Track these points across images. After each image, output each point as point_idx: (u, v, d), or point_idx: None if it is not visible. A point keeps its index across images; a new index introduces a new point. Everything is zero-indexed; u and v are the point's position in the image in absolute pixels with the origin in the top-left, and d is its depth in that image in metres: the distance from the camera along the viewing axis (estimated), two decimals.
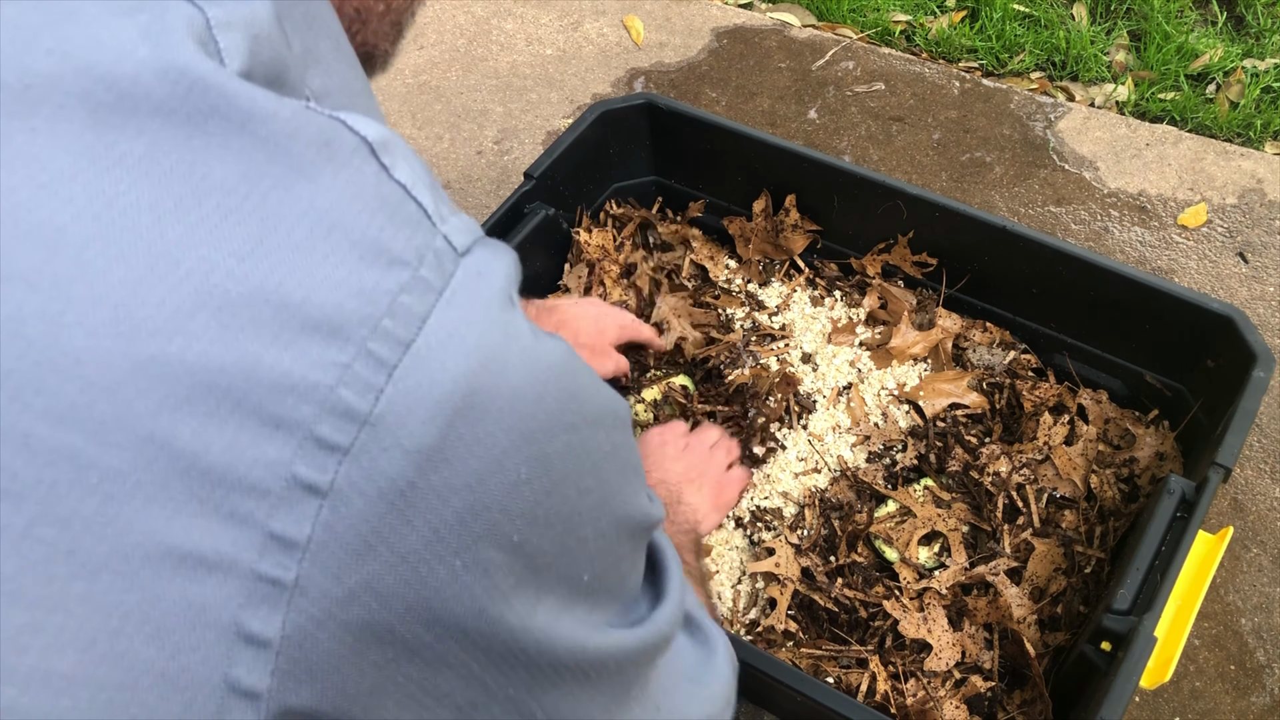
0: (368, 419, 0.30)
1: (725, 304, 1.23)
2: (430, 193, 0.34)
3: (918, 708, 0.92)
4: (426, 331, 0.31)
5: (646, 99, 1.23)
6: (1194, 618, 0.82)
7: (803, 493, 1.08)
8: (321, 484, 0.30)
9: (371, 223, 0.32)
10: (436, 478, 0.31)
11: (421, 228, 0.33)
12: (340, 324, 0.30)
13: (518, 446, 0.33)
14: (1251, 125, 1.60)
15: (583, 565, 0.38)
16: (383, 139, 0.33)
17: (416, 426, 0.31)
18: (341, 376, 0.30)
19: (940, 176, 1.54)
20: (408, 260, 0.32)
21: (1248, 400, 0.93)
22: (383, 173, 0.33)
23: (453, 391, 0.31)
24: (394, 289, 0.31)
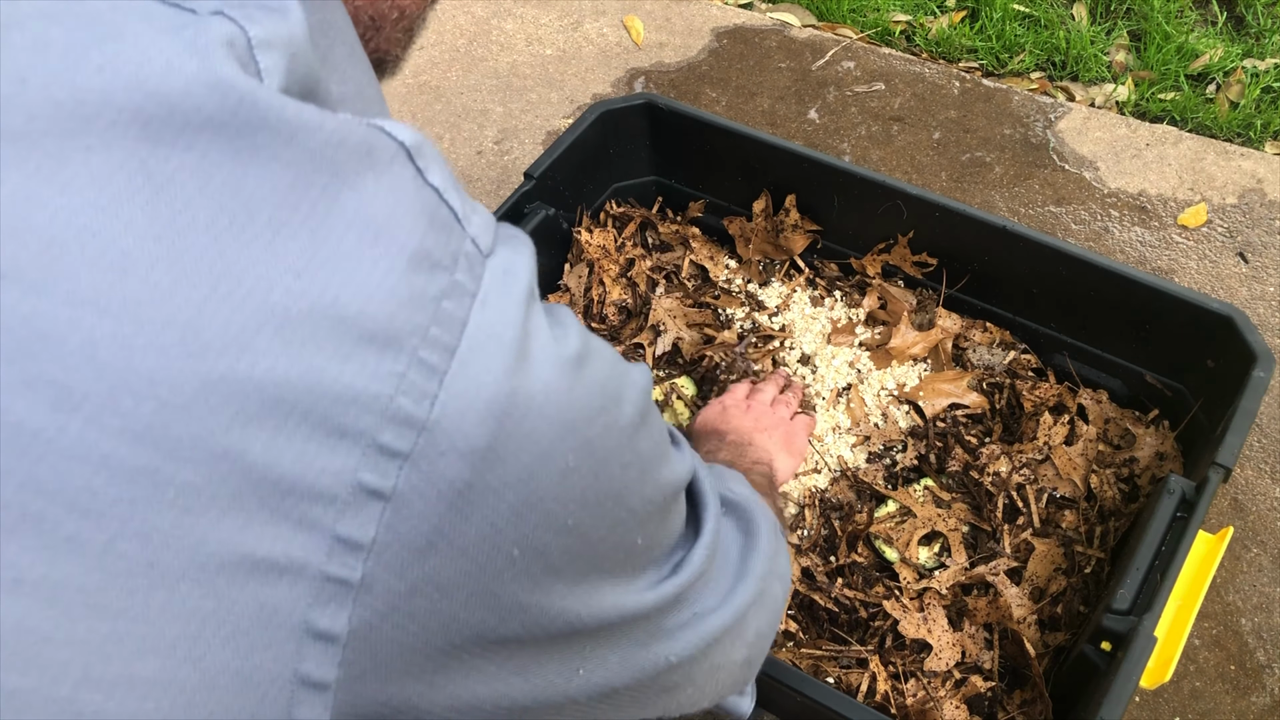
0: (425, 425, 0.32)
1: (725, 304, 1.23)
2: (457, 194, 0.35)
3: (918, 708, 0.92)
4: (467, 335, 0.33)
5: (646, 99, 1.23)
6: (1194, 618, 0.82)
7: (803, 493, 1.08)
8: (385, 488, 0.32)
9: (414, 228, 0.33)
10: (492, 476, 0.33)
11: (454, 231, 0.34)
12: (394, 334, 0.32)
13: (562, 437, 0.35)
14: (1251, 125, 1.60)
15: (635, 532, 0.40)
16: (417, 143, 0.34)
17: (470, 429, 0.32)
18: (399, 385, 0.31)
19: (940, 176, 1.54)
20: (446, 265, 0.33)
21: (1248, 400, 0.93)
22: (419, 177, 0.34)
23: (498, 392, 0.33)
24: (437, 294, 0.33)
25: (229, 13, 0.32)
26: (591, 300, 1.23)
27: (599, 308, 1.23)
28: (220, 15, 0.32)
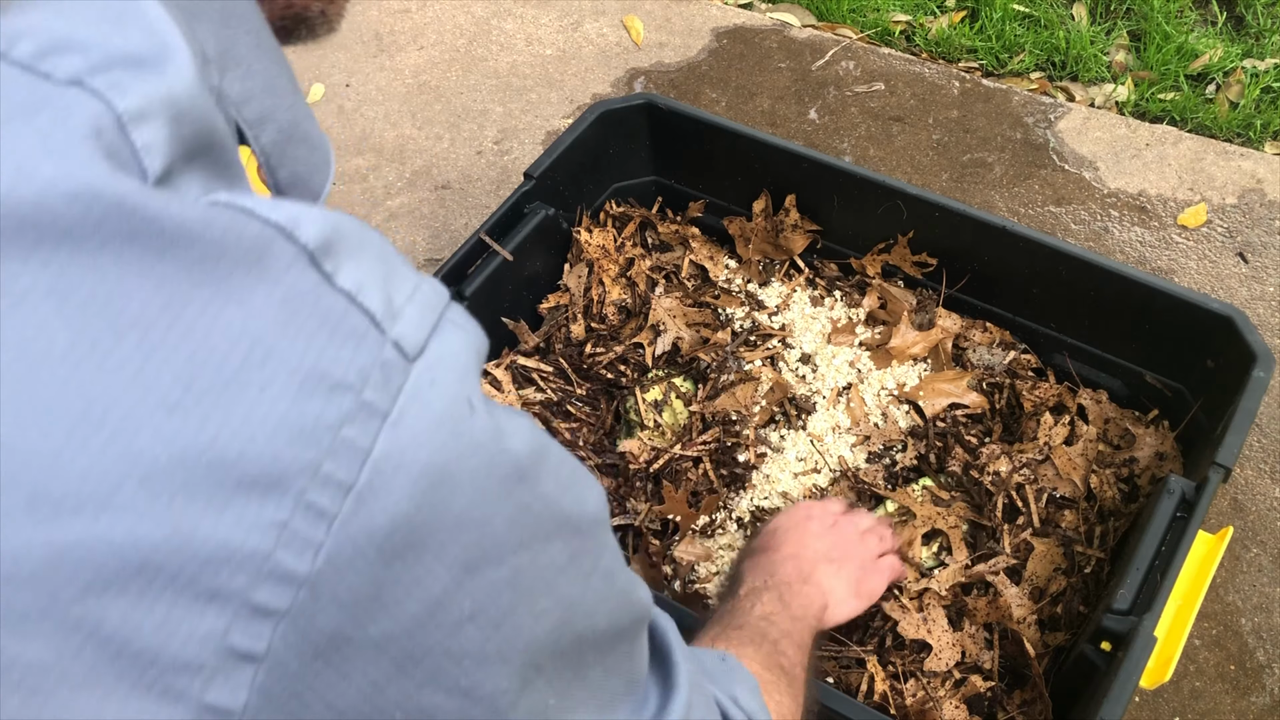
0: (306, 580, 0.28)
1: (725, 304, 1.23)
2: (381, 287, 0.31)
3: (917, 708, 0.92)
4: (370, 467, 0.29)
5: (646, 99, 1.23)
6: (1194, 618, 0.82)
7: (803, 493, 1.08)
8: (257, 650, 0.28)
9: (310, 345, 0.29)
10: (374, 628, 0.30)
11: (367, 340, 0.30)
12: (278, 476, 0.28)
13: (460, 581, 0.31)
14: (1251, 125, 1.60)
15: (548, 691, 0.35)
16: (325, 240, 0.30)
17: (353, 577, 0.29)
18: (279, 538, 0.28)
19: (940, 176, 1.54)
20: (350, 384, 0.29)
21: (1248, 400, 0.93)
22: (324, 283, 0.30)
23: (393, 532, 0.29)
24: (335, 422, 0.29)
25: (91, 83, 0.28)
26: (591, 300, 1.24)
27: (599, 308, 1.23)
28: (80, 88, 0.28)
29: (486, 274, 1.12)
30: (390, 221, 1.55)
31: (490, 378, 1.13)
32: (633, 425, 1.13)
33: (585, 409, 1.16)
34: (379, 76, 1.78)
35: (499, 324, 1.18)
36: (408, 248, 1.51)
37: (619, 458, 1.10)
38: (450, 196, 1.58)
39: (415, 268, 0.34)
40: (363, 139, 1.67)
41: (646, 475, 1.08)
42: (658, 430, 1.12)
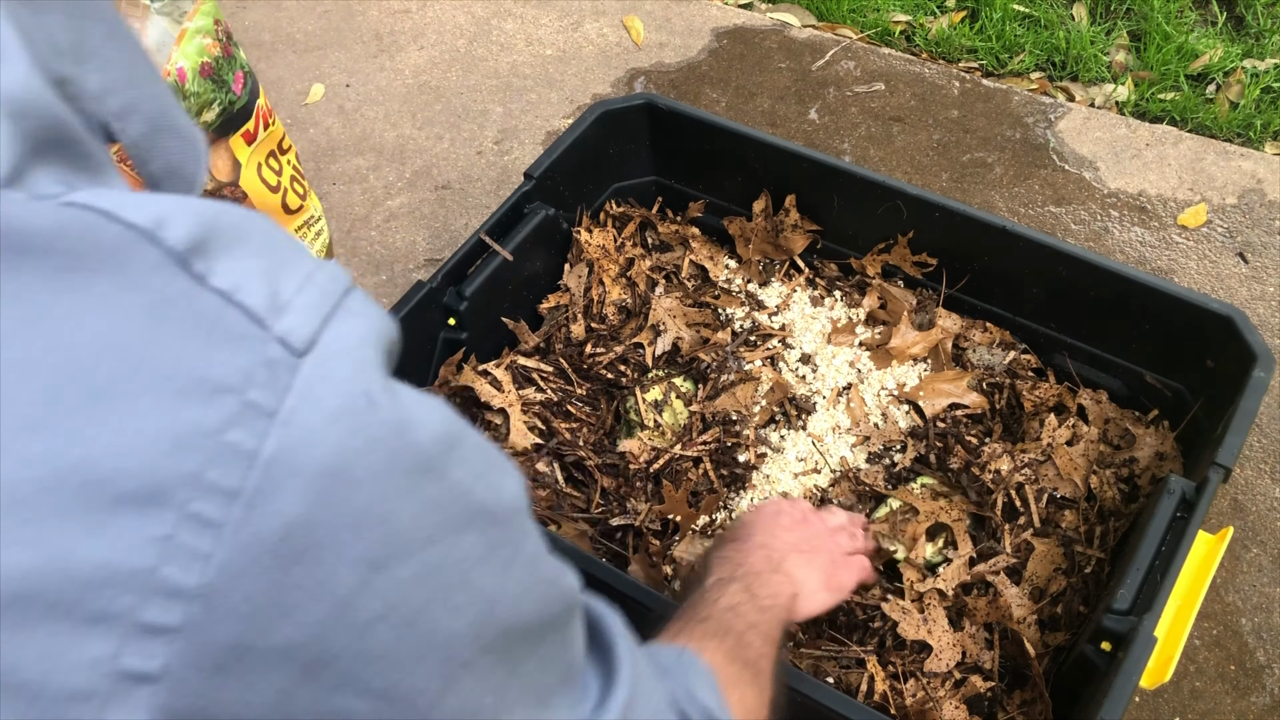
0: (198, 593, 0.27)
1: (725, 304, 1.23)
2: (264, 281, 0.29)
3: (917, 708, 0.92)
4: (259, 471, 0.28)
5: (646, 99, 1.23)
6: (1194, 618, 0.82)
7: (803, 493, 1.08)
8: (152, 670, 0.27)
9: (184, 351, 0.27)
10: (276, 636, 0.29)
11: (248, 339, 0.28)
12: (157, 489, 0.27)
13: (366, 581, 0.30)
14: (1251, 125, 1.60)
15: (476, 687, 0.34)
16: (195, 239, 0.28)
17: (250, 585, 0.28)
18: (163, 553, 0.27)
19: (940, 176, 1.54)
20: (232, 385, 0.28)
21: (1248, 400, 0.93)
22: (195, 285, 0.28)
23: (288, 536, 0.28)
24: (217, 426, 0.27)
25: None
26: (591, 300, 1.24)
27: (599, 308, 1.23)
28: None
29: (486, 274, 1.12)
30: (390, 221, 1.55)
31: (490, 378, 1.13)
32: (633, 425, 1.13)
33: (585, 409, 1.16)
34: (379, 76, 1.78)
35: (499, 324, 1.18)
36: (408, 248, 1.51)
37: (619, 458, 1.10)
38: (450, 196, 1.58)
39: (310, 253, 0.32)
40: (363, 139, 1.67)
41: (646, 475, 1.08)
42: (658, 430, 1.12)
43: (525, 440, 1.10)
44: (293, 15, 1.91)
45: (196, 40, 0.92)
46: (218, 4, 0.96)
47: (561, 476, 1.09)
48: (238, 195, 1.02)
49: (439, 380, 1.13)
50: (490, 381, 1.13)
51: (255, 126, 1.02)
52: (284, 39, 1.86)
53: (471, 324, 1.13)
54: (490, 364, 1.15)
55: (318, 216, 1.15)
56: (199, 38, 0.92)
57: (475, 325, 1.14)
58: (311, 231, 1.14)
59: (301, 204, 1.11)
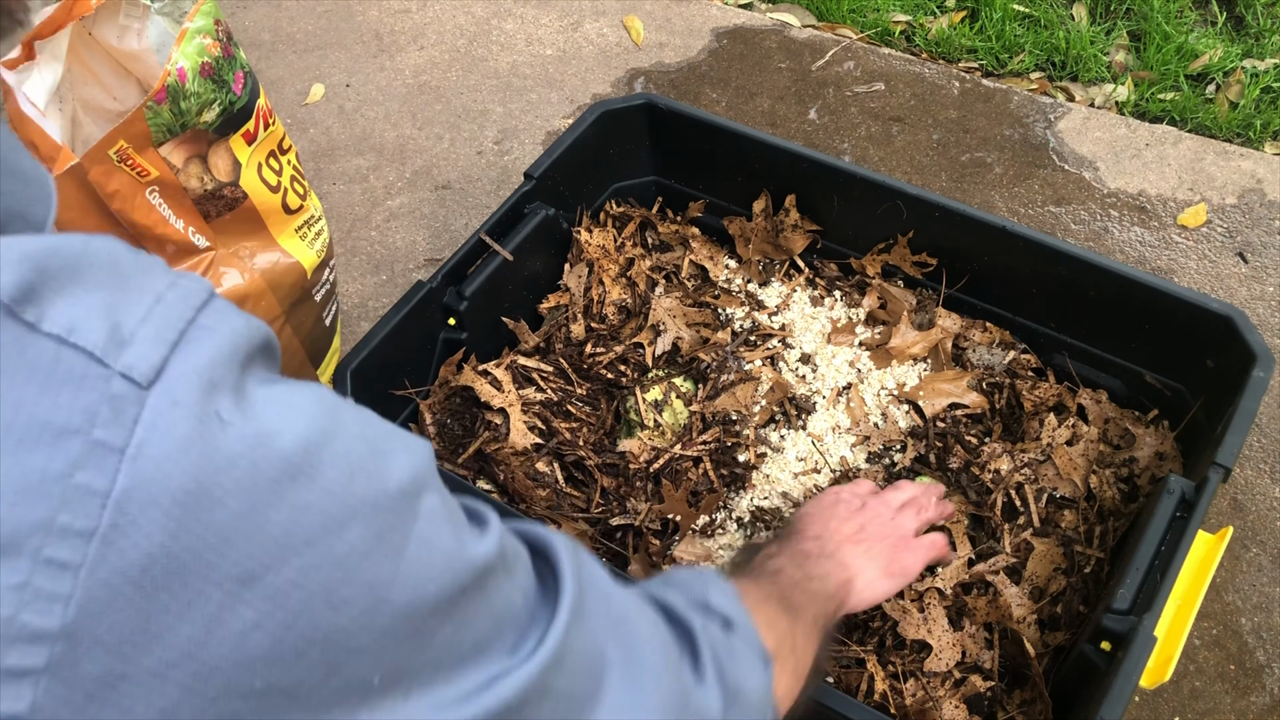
0: (60, 634, 0.28)
1: (725, 304, 1.23)
2: (103, 318, 0.29)
3: (917, 707, 0.92)
4: (110, 509, 0.28)
5: (646, 99, 1.23)
6: (1194, 618, 0.82)
7: (803, 493, 1.08)
8: (19, 711, 0.28)
9: (22, 399, 0.27)
10: (148, 660, 0.29)
11: (88, 379, 0.28)
12: (8, 539, 0.27)
13: (236, 595, 0.30)
14: (1251, 125, 1.60)
15: (367, 670, 0.33)
16: (24, 285, 0.28)
17: (116, 618, 0.28)
18: (19, 600, 0.27)
19: (940, 176, 1.54)
20: (75, 427, 0.28)
21: (1248, 400, 0.93)
22: (27, 332, 0.28)
23: (149, 566, 0.28)
24: (64, 470, 0.27)
25: None
26: (591, 300, 1.24)
27: (599, 307, 1.23)
28: None
29: (486, 274, 1.12)
30: (390, 221, 1.55)
31: (490, 378, 1.13)
32: (633, 425, 1.13)
33: (585, 409, 1.16)
34: (379, 76, 1.78)
35: (499, 324, 1.18)
36: (408, 247, 1.51)
37: (619, 458, 1.10)
38: (450, 196, 1.58)
39: (167, 270, 0.32)
40: (363, 139, 1.67)
41: (646, 475, 1.08)
42: (658, 430, 1.12)
43: (525, 440, 1.10)
44: (293, 15, 1.91)
45: (196, 40, 0.92)
46: (218, 4, 0.96)
47: (561, 476, 1.09)
48: (238, 195, 1.02)
49: (439, 380, 1.13)
50: (490, 381, 1.13)
51: (255, 126, 1.02)
52: (284, 39, 1.86)
53: (471, 324, 1.13)
54: (490, 364, 1.15)
55: (318, 216, 1.15)
56: (199, 38, 0.92)
57: (475, 325, 1.14)
58: (311, 231, 1.14)
59: (301, 204, 1.11)
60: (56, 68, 0.95)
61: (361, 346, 1.03)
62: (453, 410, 1.12)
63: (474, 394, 1.11)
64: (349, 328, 1.40)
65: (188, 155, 0.96)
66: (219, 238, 1.02)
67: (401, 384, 1.10)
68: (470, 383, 1.11)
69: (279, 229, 1.09)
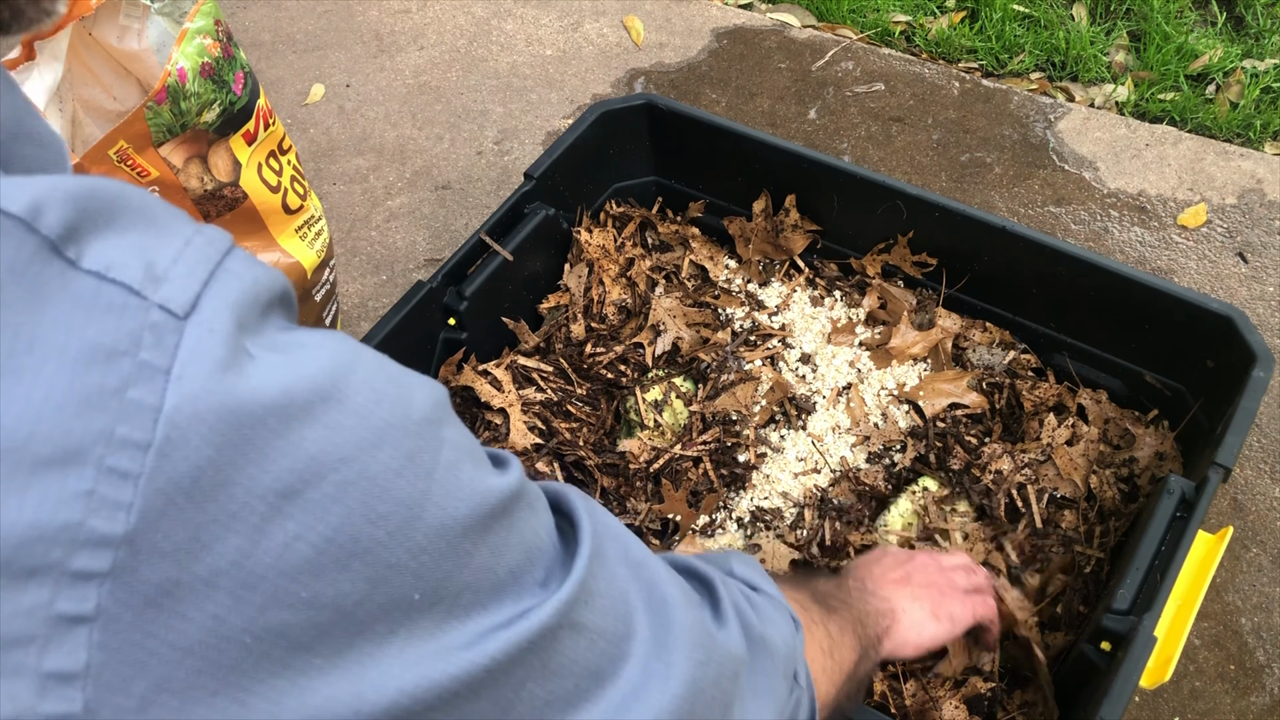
0: (123, 539, 0.30)
1: (725, 304, 1.23)
2: (138, 257, 0.31)
3: (917, 707, 0.92)
4: (163, 423, 0.30)
5: (646, 99, 1.23)
6: (1194, 618, 0.82)
7: (803, 493, 1.08)
8: (85, 612, 0.29)
9: (71, 326, 0.30)
10: (200, 568, 0.31)
11: (129, 309, 0.31)
12: (73, 448, 0.29)
13: (278, 508, 0.32)
14: (1251, 125, 1.60)
15: (407, 586, 0.35)
16: (68, 225, 0.30)
17: (169, 526, 0.30)
18: (88, 506, 0.29)
19: (940, 176, 1.54)
20: (124, 349, 0.30)
21: (1248, 400, 0.93)
22: (69, 268, 0.30)
23: (199, 478, 0.31)
24: (118, 386, 0.30)
25: None
26: (591, 300, 1.24)
27: (599, 307, 1.23)
28: None
29: (486, 274, 1.12)
30: (390, 221, 1.55)
31: (490, 378, 1.13)
32: (633, 425, 1.13)
33: (585, 409, 1.16)
34: (379, 76, 1.78)
35: (499, 324, 1.18)
36: (408, 248, 1.51)
37: (619, 458, 1.10)
38: (450, 196, 1.58)
39: (190, 219, 0.34)
40: (363, 139, 1.67)
41: (646, 475, 1.08)
42: (658, 430, 1.12)
43: (525, 440, 1.10)
44: (293, 15, 1.91)
45: (197, 40, 0.92)
46: (218, 4, 0.96)
47: (561, 476, 1.09)
48: (238, 195, 1.02)
49: (439, 380, 1.13)
50: (490, 381, 1.13)
51: (255, 126, 1.02)
52: (284, 39, 1.86)
53: (471, 324, 1.13)
54: (490, 364, 1.15)
55: (318, 216, 1.15)
56: (199, 38, 0.92)
57: (475, 325, 1.14)
58: (311, 231, 1.14)
59: (301, 204, 1.11)
60: (56, 68, 0.95)
61: None
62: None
63: (474, 394, 1.11)
64: (349, 328, 1.40)
65: (188, 155, 0.96)
66: None
67: None
68: (470, 383, 1.11)
69: (279, 229, 1.09)
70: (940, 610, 0.83)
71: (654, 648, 0.44)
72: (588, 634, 0.41)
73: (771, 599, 0.56)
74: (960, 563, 0.91)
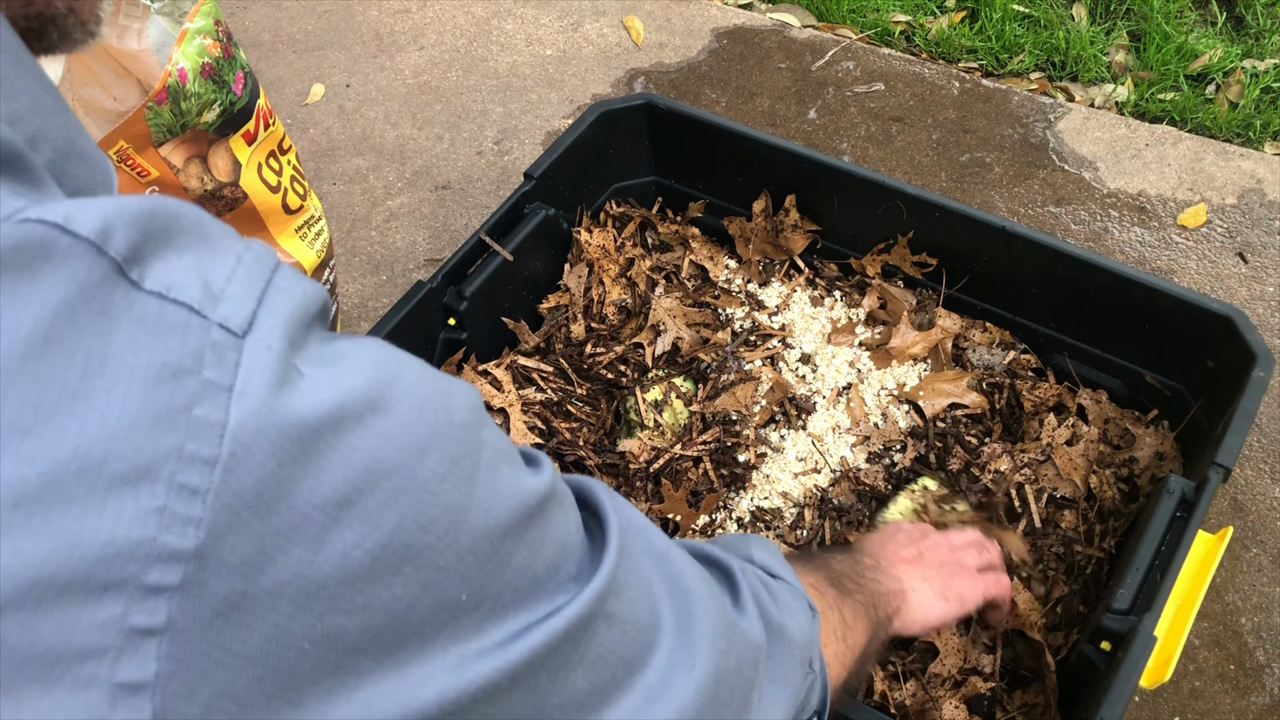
0: (193, 554, 0.31)
1: (725, 304, 1.23)
2: (196, 276, 0.32)
3: (917, 707, 0.92)
4: (229, 439, 0.31)
5: (646, 99, 1.23)
6: (1194, 618, 0.82)
7: (803, 493, 1.08)
8: (157, 625, 0.30)
9: (138, 346, 0.30)
10: (265, 579, 0.32)
11: (192, 328, 0.31)
12: (145, 465, 0.30)
13: (336, 518, 0.33)
14: (1251, 125, 1.60)
15: (455, 588, 0.37)
16: (133, 247, 0.31)
17: (235, 540, 0.31)
18: (160, 522, 0.30)
19: (940, 176, 1.54)
20: (190, 368, 0.31)
21: (1247, 400, 0.93)
22: (133, 289, 0.31)
23: (262, 492, 0.32)
24: (186, 403, 0.31)
25: None
26: (591, 300, 1.24)
27: (599, 307, 1.23)
28: None
29: (486, 274, 1.12)
30: (390, 221, 1.55)
31: (490, 378, 1.13)
32: (633, 425, 1.13)
33: (585, 409, 1.16)
34: (379, 76, 1.78)
35: (499, 324, 1.18)
36: (408, 248, 1.51)
37: (619, 458, 1.10)
38: (450, 196, 1.58)
39: (238, 235, 0.35)
40: (363, 139, 1.67)
41: (646, 475, 1.08)
42: (658, 430, 1.12)
43: (525, 440, 1.10)
44: (293, 15, 1.91)
45: (197, 40, 0.92)
46: (218, 4, 0.96)
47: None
48: (238, 195, 1.02)
49: None
50: (490, 381, 1.13)
51: (255, 126, 1.02)
52: (284, 39, 1.86)
53: (471, 324, 1.13)
54: (490, 364, 1.15)
55: (318, 216, 1.15)
56: (199, 38, 0.92)
57: (475, 325, 1.14)
58: (311, 231, 1.14)
59: (301, 204, 1.11)
60: (56, 67, 0.95)
61: None
62: None
63: None
64: (349, 328, 1.40)
65: (188, 155, 0.96)
66: None
67: None
68: (470, 383, 1.11)
69: (279, 229, 1.09)
70: (950, 590, 0.85)
71: (679, 638, 0.45)
72: (620, 624, 0.42)
73: (790, 587, 0.58)
74: (971, 539, 0.93)
